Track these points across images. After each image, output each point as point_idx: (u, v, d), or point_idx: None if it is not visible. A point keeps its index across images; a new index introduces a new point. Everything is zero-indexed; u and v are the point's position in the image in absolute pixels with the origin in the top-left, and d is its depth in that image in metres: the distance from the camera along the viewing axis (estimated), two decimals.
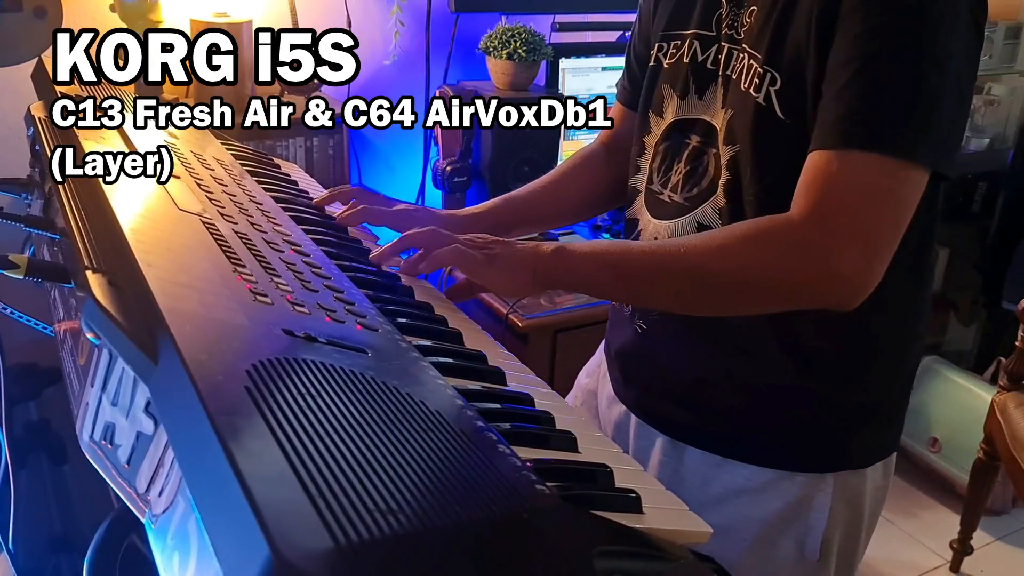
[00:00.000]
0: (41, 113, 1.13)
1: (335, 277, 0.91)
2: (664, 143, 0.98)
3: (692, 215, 0.93)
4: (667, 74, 0.99)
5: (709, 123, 0.92)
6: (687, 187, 0.94)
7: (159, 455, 0.57)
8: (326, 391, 0.58)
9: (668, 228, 0.96)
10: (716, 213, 0.91)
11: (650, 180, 1.00)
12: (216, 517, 0.46)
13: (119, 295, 0.62)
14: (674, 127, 0.97)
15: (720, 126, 0.90)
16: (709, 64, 0.93)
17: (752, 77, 0.85)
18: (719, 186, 0.90)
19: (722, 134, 0.90)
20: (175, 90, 1.89)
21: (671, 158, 0.97)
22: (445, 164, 2.00)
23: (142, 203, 0.86)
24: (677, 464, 1.02)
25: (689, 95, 0.95)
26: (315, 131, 1.91)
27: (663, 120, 0.99)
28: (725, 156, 0.89)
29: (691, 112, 0.95)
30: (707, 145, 0.93)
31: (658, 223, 0.97)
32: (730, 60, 0.90)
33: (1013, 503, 2.45)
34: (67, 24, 1.68)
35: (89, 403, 0.66)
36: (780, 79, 0.83)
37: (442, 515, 0.49)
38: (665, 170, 0.98)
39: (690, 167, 0.94)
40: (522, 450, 0.67)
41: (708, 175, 0.92)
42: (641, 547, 0.62)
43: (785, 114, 0.84)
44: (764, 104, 0.85)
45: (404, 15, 2.11)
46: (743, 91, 0.87)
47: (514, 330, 1.71)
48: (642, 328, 1.01)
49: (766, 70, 0.84)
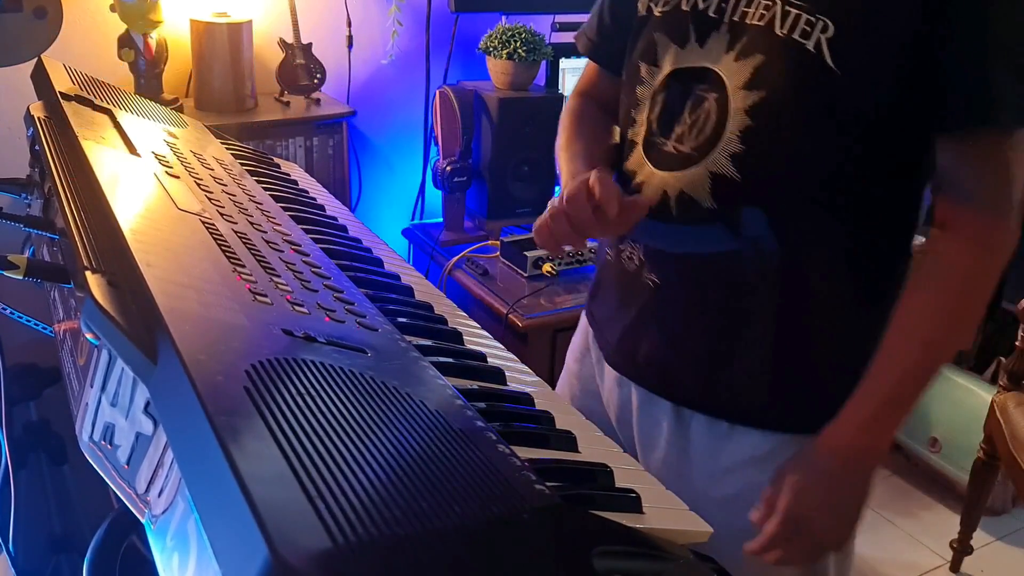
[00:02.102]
0: (41, 113, 1.13)
1: (335, 277, 0.91)
2: (663, 93, 0.96)
3: (703, 164, 0.90)
4: (661, 23, 0.96)
5: (712, 70, 0.91)
6: (692, 136, 0.92)
7: (158, 455, 0.57)
8: (326, 391, 0.58)
9: (676, 180, 0.93)
10: (729, 160, 0.88)
11: (650, 131, 0.97)
12: (215, 517, 0.46)
13: (118, 295, 0.62)
14: (674, 76, 0.95)
15: (730, 73, 0.89)
16: (711, 12, 0.91)
17: (796, 23, 0.84)
18: (732, 132, 0.88)
19: (739, 80, 0.88)
20: (175, 90, 1.89)
21: (673, 108, 0.94)
22: (445, 164, 2.00)
23: (142, 203, 0.86)
24: (684, 440, 1.00)
25: (689, 43, 0.93)
26: (315, 131, 1.91)
27: (659, 70, 0.96)
28: (743, 102, 0.87)
29: (692, 60, 0.93)
30: (707, 92, 0.91)
31: (664, 175, 0.94)
32: (739, 6, 0.89)
33: (1013, 503, 2.45)
34: (67, 24, 1.68)
35: (89, 403, 0.65)
36: (833, 27, 0.82)
37: (441, 515, 0.49)
38: (668, 120, 0.95)
39: (692, 116, 0.92)
40: (522, 450, 0.67)
41: (711, 121, 0.90)
42: (641, 547, 0.62)
43: (837, 63, 0.82)
44: (813, 51, 0.83)
45: (405, 15, 2.10)
46: (780, 36, 0.85)
47: (514, 330, 1.71)
48: (655, 283, 0.97)
49: (817, 18, 0.83)
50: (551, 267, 1.85)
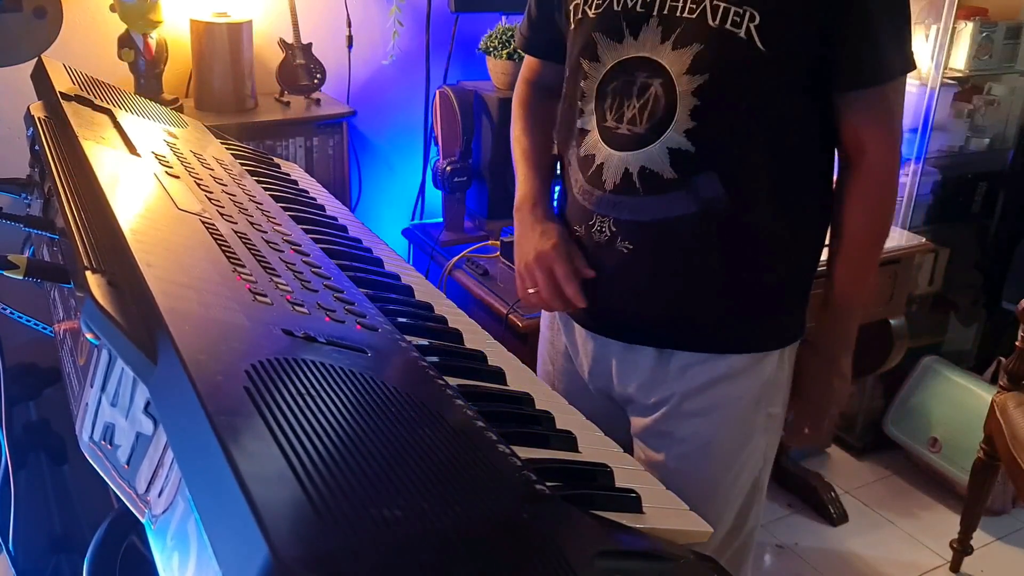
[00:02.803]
0: (41, 113, 1.13)
1: (335, 277, 0.91)
2: (610, 84, 1.08)
3: (660, 142, 1.04)
4: (597, 23, 1.09)
5: (652, 59, 1.04)
6: (644, 118, 1.05)
7: (158, 455, 0.57)
8: (326, 391, 0.58)
9: (636, 157, 1.06)
10: (684, 136, 1.03)
11: (602, 118, 1.10)
12: (215, 517, 0.46)
13: (119, 295, 0.62)
14: (617, 68, 1.07)
15: (670, 61, 1.03)
16: (639, 7, 1.04)
17: (726, 15, 0.99)
18: (682, 111, 1.03)
19: (680, 67, 1.02)
20: (175, 90, 1.89)
21: (621, 96, 1.07)
22: (445, 164, 2.00)
23: (142, 203, 0.86)
24: (663, 372, 1.14)
25: (625, 38, 1.06)
26: (315, 131, 1.91)
27: (601, 64, 1.09)
28: (689, 85, 1.01)
29: (629, 52, 1.06)
30: (652, 78, 1.04)
31: (624, 154, 1.07)
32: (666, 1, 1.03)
33: (1013, 503, 2.44)
34: (67, 24, 1.68)
35: (89, 403, 0.65)
36: (759, 16, 0.98)
37: (442, 515, 0.49)
38: (617, 107, 1.08)
39: (641, 101, 1.06)
40: (522, 450, 0.67)
41: (660, 104, 1.04)
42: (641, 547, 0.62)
43: (765, 46, 0.99)
44: (744, 38, 0.99)
45: (405, 16, 2.10)
46: (713, 27, 1.00)
47: (514, 330, 1.70)
48: (628, 248, 1.10)
49: (745, 9, 0.98)
50: None
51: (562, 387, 1.24)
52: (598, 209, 1.11)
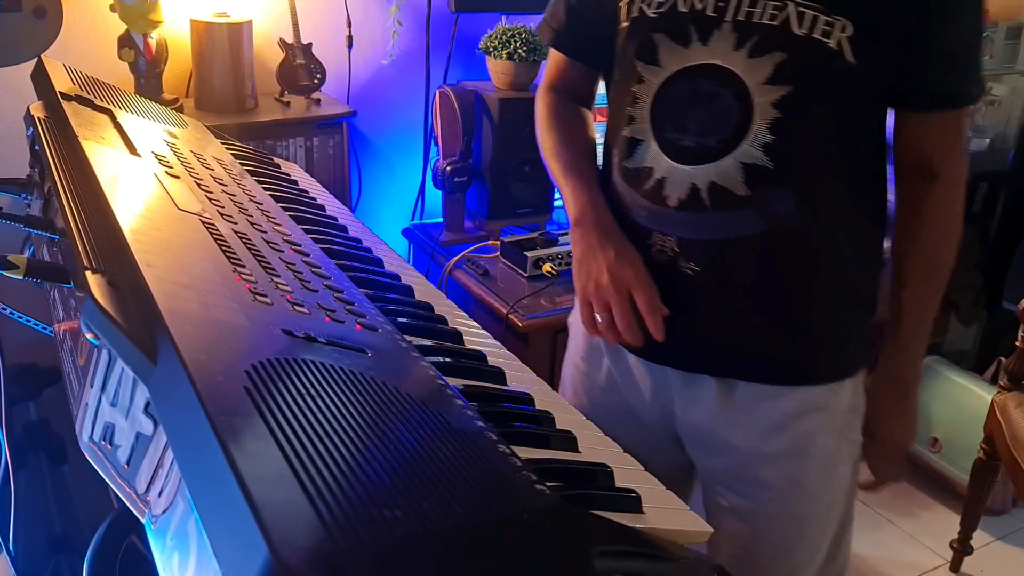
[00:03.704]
0: (41, 113, 1.13)
1: (335, 277, 0.91)
2: (671, 91, 1.00)
3: (733, 156, 0.97)
4: (658, 23, 1.01)
5: (721, 67, 0.97)
6: (714, 131, 0.98)
7: (159, 455, 0.57)
8: (326, 391, 0.58)
9: (705, 172, 0.98)
10: (761, 150, 0.96)
11: (660, 128, 1.02)
12: (215, 517, 0.46)
13: (119, 295, 0.62)
14: (680, 75, 0.99)
15: (745, 70, 0.95)
16: (709, 11, 0.97)
17: (815, 23, 0.93)
18: (760, 125, 0.96)
19: (759, 76, 0.95)
20: (175, 90, 1.89)
21: (684, 104, 0.99)
22: (445, 164, 2.00)
23: (142, 203, 0.86)
24: (730, 408, 1.06)
25: (692, 42, 0.98)
26: (315, 131, 1.91)
27: (662, 69, 1.01)
28: (768, 96, 0.95)
29: (697, 58, 0.98)
30: (723, 88, 0.97)
31: (691, 168, 0.99)
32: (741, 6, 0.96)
33: (1013, 503, 2.44)
34: (67, 24, 1.68)
35: (89, 403, 0.65)
36: (853, 27, 0.92)
37: (442, 515, 0.49)
38: (680, 116, 1.00)
39: (709, 111, 0.98)
40: (522, 450, 0.67)
41: (734, 116, 0.96)
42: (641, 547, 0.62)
43: (857, 58, 0.93)
44: (835, 48, 0.93)
45: (405, 15, 2.10)
46: (800, 35, 0.93)
47: (514, 330, 1.70)
48: (694, 270, 1.02)
49: (836, 19, 0.92)
50: (551, 267, 1.85)
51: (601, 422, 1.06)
52: (658, 227, 1.03)
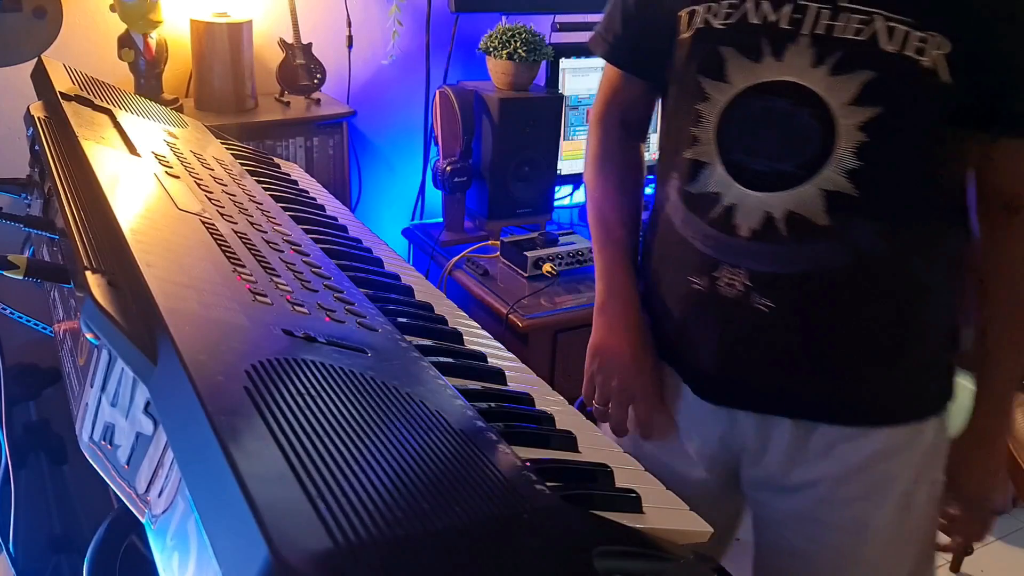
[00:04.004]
0: (41, 113, 1.13)
1: (335, 277, 0.91)
2: (740, 110, 0.93)
3: (812, 183, 0.89)
4: (726, 36, 0.92)
5: (798, 84, 0.89)
6: (792, 154, 0.90)
7: (159, 455, 0.57)
8: (326, 391, 0.58)
9: (782, 200, 0.91)
10: (845, 177, 0.88)
11: (728, 151, 0.94)
12: (215, 517, 0.46)
13: (119, 295, 0.62)
14: (750, 92, 0.92)
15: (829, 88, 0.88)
16: (784, 24, 0.89)
17: (907, 40, 0.85)
18: (844, 149, 0.88)
19: (844, 96, 0.87)
20: (175, 90, 1.89)
21: (755, 125, 0.92)
22: (445, 164, 2.00)
23: (142, 203, 0.86)
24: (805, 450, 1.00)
25: (765, 57, 0.90)
26: (315, 131, 1.91)
27: (729, 85, 0.93)
28: (854, 118, 0.87)
29: (769, 74, 0.91)
30: (800, 107, 0.89)
31: (765, 195, 0.92)
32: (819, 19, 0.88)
33: (1013, 503, 2.45)
34: (67, 24, 1.68)
35: (89, 403, 0.65)
36: (951, 44, 0.84)
37: (442, 515, 0.49)
38: (751, 138, 0.92)
39: (785, 132, 0.90)
40: (522, 450, 0.67)
41: (814, 139, 0.89)
42: (641, 547, 0.62)
43: (954, 78, 0.85)
44: (930, 67, 0.85)
45: (405, 15, 2.10)
46: (891, 53, 0.85)
47: (514, 330, 1.70)
48: (769, 307, 0.94)
49: (930, 35, 0.84)
50: (551, 267, 1.85)
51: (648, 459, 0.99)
52: (727, 258, 0.95)
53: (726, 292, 0.96)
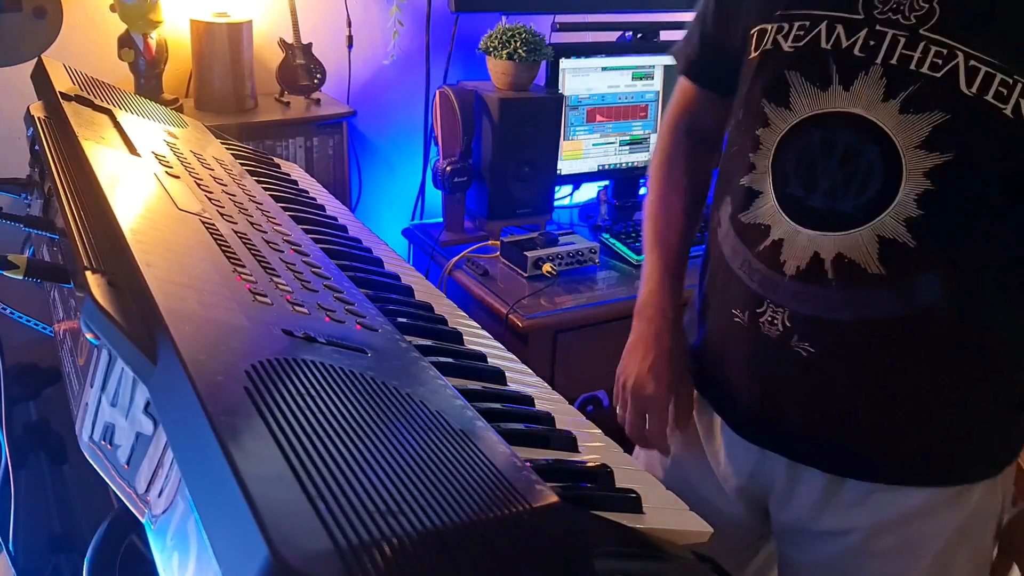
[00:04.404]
0: (41, 113, 1.13)
1: (335, 277, 0.91)
2: (799, 140, 0.86)
3: (869, 227, 0.82)
4: (793, 60, 0.86)
5: (865, 119, 0.82)
6: (849, 194, 0.83)
7: (158, 456, 0.57)
8: (326, 391, 0.58)
9: (833, 242, 0.84)
10: (903, 226, 0.81)
11: (782, 183, 0.88)
12: (215, 518, 0.46)
13: (119, 295, 0.62)
14: (812, 121, 0.86)
15: (897, 126, 0.80)
16: (857, 50, 0.82)
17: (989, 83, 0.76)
18: (907, 195, 0.80)
19: (913, 137, 0.79)
20: (175, 90, 1.89)
21: (813, 158, 0.85)
22: (445, 164, 2.00)
23: (142, 203, 0.86)
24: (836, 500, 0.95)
25: (832, 86, 0.84)
26: (315, 131, 1.91)
27: (792, 113, 0.87)
28: (921, 162, 0.79)
29: (835, 105, 0.84)
30: (865, 144, 0.82)
31: (813, 234, 0.86)
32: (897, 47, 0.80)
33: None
34: (67, 24, 1.68)
35: (89, 403, 0.65)
36: None
37: (442, 516, 0.49)
38: (808, 171, 0.86)
39: (845, 170, 0.83)
40: (522, 450, 0.67)
41: (875, 179, 0.82)
42: (641, 547, 0.62)
43: None
44: (1012, 116, 0.76)
45: (405, 15, 2.10)
46: (970, 96, 0.77)
47: (514, 330, 1.70)
48: (809, 352, 0.88)
49: (1016, 80, 0.75)
50: (551, 267, 1.85)
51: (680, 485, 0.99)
52: (771, 296, 0.90)
53: (767, 330, 0.91)
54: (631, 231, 2.05)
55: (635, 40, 2.22)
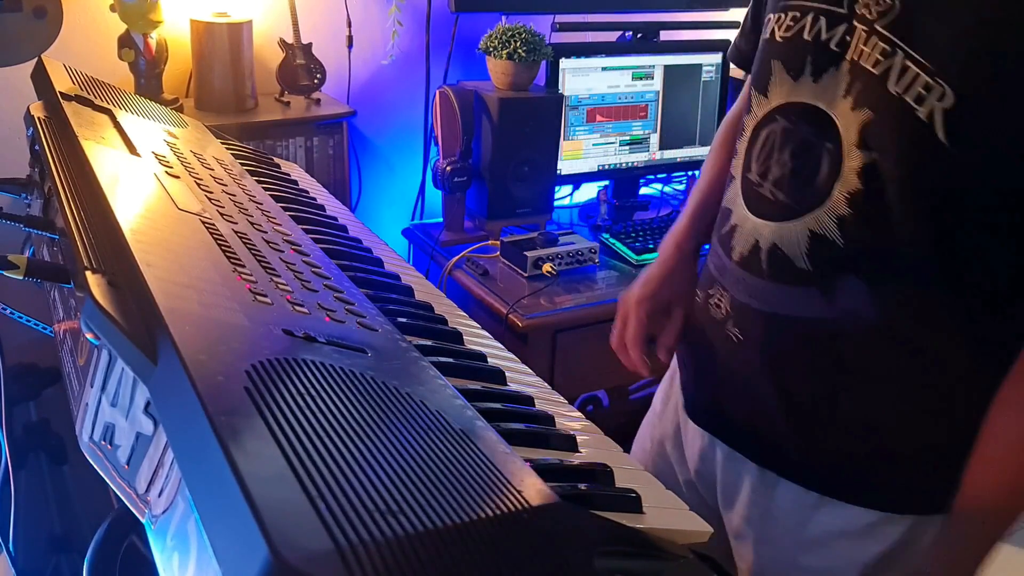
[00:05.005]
0: (41, 113, 1.13)
1: (335, 277, 0.91)
2: (766, 127, 0.87)
3: (802, 221, 0.82)
4: (780, 49, 0.86)
5: (825, 113, 0.81)
6: (795, 185, 0.83)
7: (159, 456, 0.57)
8: (326, 391, 0.58)
9: (771, 231, 0.85)
10: (834, 223, 0.79)
11: (747, 167, 0.89)
12: (215, 517, 0.46)
13: (119, 295, 0.62)
14: (779, 111, 0.86)
15: (845, 123, 0.79)
16: (834, 44, 0.81)
17: (913, 83, 0.73)
18: (840, 193, 0.79)
19: (851, 135, 0.78)
20: (175, 90, 1.89)
21: (772, 146, 0.86)
22: (445, 164, 2.00)
23: (142, 203, 0.86)
24: (769, 502, 0.94)
25: (803, 76, 0.83)
26: (315, 131, 1.91)
27: (767, 101, 0.87)
28: (855, 161, 0.78)
29: (802, 96, 0.83)
30: (820, 138, 0.81)
31: (758, 221, 0.86)
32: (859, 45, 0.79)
33: None
34: (67, 24, 1.68)
35: (89, 403, 0.65)
36: (953, 97, 0.71)
37: (442, 516, 0.49)
38: (764, 159, 0.86)
39: (797, 161, 0.83)
40: (522, 450, 0.67)
41: (821, 175, 0.80)
42: (641, 547, 0.62)
43: (950, 140, 0.72)
44: (925, 121, 0.73)
45: (405, 15, 2.10)
46: (894, 95, 0.75)
47: (514, 330, 1.70)
48: (738, 339, 0.89)
49: (937, 82, 0.71)
50: (551, 267, 1.85)
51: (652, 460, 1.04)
52: (721, 279, 0.92)
53: (714, 312, 0.93)
54: (631, 231, 2.05)
55: (635, 40, 2.22)
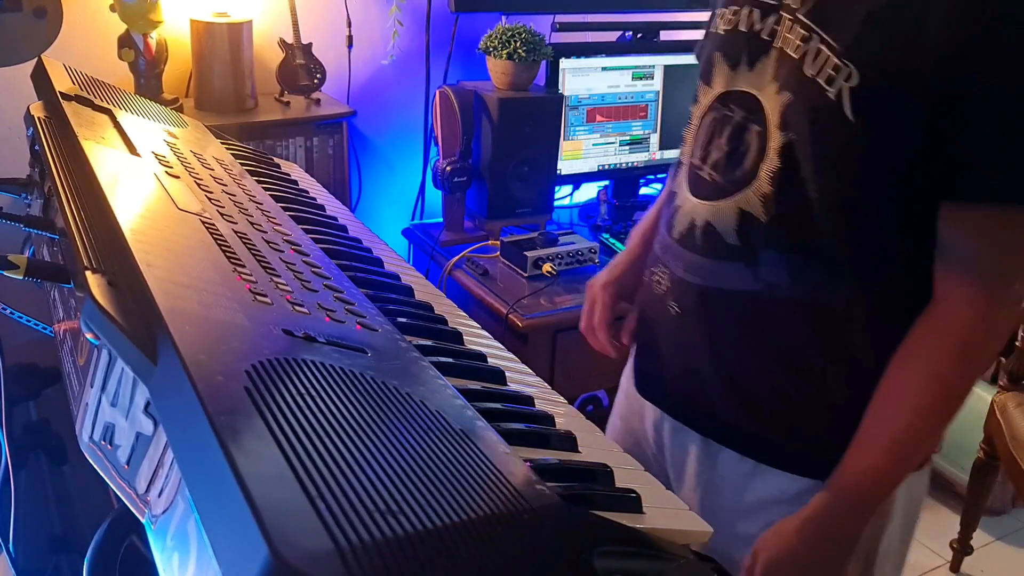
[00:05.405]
0: (41, 113, 1.13)
1: (335, 277, 0.91)
2: (708, 115, 0.93)
3: (733, 199, 0.88)
4: (721, 41, 0.92)
5: (755, 97, 0.86)
6: (728, 167, 0.89)
7: (159, 455, 0.57)
8: (326, 391, 0.58)
9: (706, 210, 0.91)
10: (760, 201, 0.85)
11: (692, 153, 0.95)
12: (215, 517, 0.46)
13: (119, 295, 0.62)
14: (719, 99, 0.92)
15: (771, 107, 0.85)
16: (764, 34, 0.87)
17: (824, 65, 0.79)
18: (765, 172, 0.85)
19: (775, 117, 0.84)
20: (175, 90, 1.89)
21: (712, 132, 0.92)
22: (445, 164, 2.00)
23: (142, 203, 0.86)
24: (712, 472, 0.99)
25: (739, 65, 0.89)
26: (315, 131, 1.91)
27: (711, 90, 0.93)
28: (776, 141, 0.84)
29: (738, 84, 0.89)
30: (751, 122, 0.87)
31: (696, 202, 0.92)
32: (784, 33, 0.85)
33: (1013, 503, 2.45)
34: (67, 24, 1.68)
35: (89, 403, 0.65)
36: (858, 77, 0.77)
37: (442, 515, 0.49)
38: (705, 144, 0.92)
39: (731, 144, 0.89)
40: (522, 450, 0.67)
41: (750, 156, 0.86)
42: (641, 547, 0.62)
43: (856, 115, 0.78)
44: (833, 99, 0.79)
45: (405, 15, 2.10)
46: (808, 78, 0.81)
47: (514, 330, 1.70)
48: (676, 311, 0.95)
49: (845, 64, 0.77)
50: (551, 267, 1.85)
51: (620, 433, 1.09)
52: (663, 257, 0.98)
53: (655, 288, 1.00)
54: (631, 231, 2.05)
55: (635, 40, 2.22)
